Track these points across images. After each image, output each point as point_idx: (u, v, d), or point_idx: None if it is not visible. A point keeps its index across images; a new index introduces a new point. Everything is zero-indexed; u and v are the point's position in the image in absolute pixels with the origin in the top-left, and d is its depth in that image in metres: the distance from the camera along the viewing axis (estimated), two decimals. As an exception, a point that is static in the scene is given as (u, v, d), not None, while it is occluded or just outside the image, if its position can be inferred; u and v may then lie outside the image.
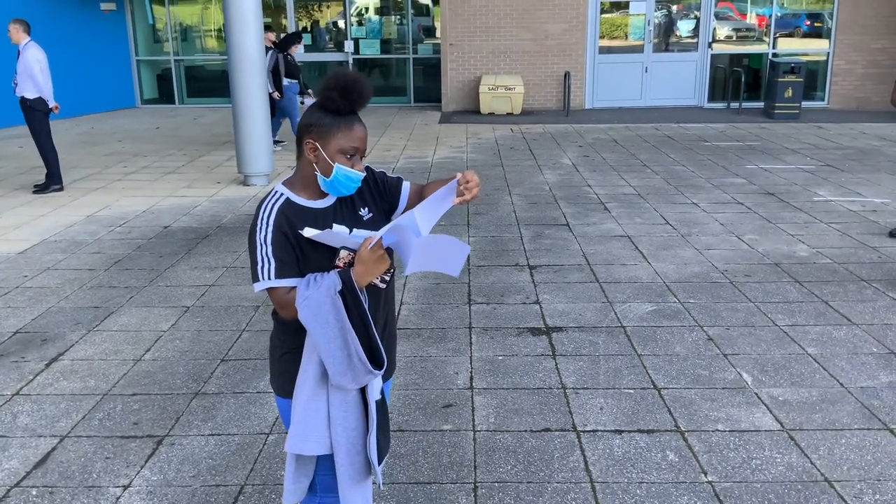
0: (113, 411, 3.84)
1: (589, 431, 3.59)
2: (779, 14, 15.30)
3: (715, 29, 15.35)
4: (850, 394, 3.92)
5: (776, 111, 13.53)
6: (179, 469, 3.34)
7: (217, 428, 3.67)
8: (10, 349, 4.56)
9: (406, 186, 2.31)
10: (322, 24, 17.24)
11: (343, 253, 2.13)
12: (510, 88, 14.41)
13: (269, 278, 2.07)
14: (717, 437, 3.53)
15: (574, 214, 7.44)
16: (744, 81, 14.50)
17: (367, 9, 16.96)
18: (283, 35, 13.18)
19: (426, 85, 16.71)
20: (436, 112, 15.34)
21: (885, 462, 3.32)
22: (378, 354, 2.13)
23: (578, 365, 4.28)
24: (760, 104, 14.72)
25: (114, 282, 5.71)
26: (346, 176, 2.11)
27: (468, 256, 6.13)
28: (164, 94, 17.24)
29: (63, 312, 5.13)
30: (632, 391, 3.97)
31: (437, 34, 16.40)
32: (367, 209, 2.22)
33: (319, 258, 2.11)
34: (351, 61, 16.47)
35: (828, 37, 15.10)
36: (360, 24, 16.77)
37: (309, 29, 17.05)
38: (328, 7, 17.21)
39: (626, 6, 15.45)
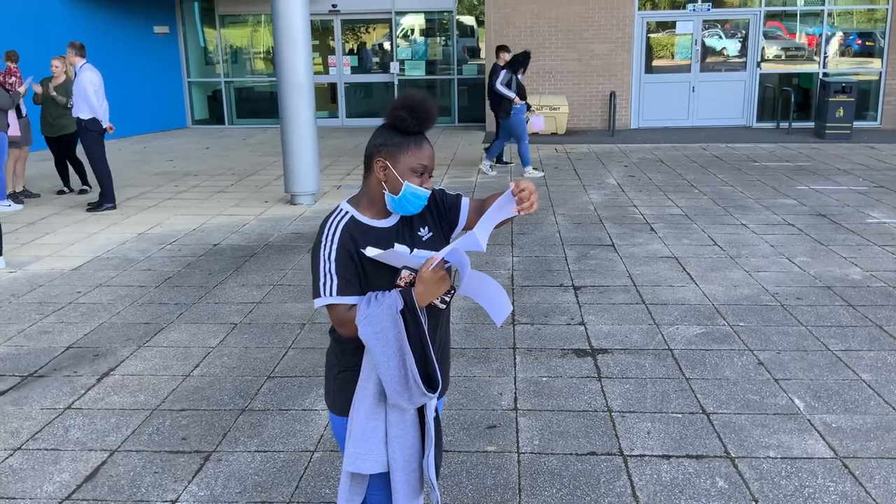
0: (162, 426, 3.89)
1: (636, 456, 3.54)
2: (829, 33, 15.07)
3: (764, 48, 15.17)
4: (907, 422, 3.80)
5: (827, 131, 13.29)
6: (226, 485, 3.37)
7: (263, 445, 3.70)
8: (63, 363, 4.67)
9: (465, 203, 2.30)
10: (368, 45, 17.46)
11: (404, 273, 2.14)
12: (555, 108, 14.40)
13: (331, 295, 2.09)
14: (768, 464, 3.45)
15: (619, 235, 7.38)
16: (793, 101, 14.28)
17: (412, 30, 17.15)
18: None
19: (470, 105, 16.80)
20: (480, 132, 15.39)
21: (945, 493, 3.21)
22: (434, 376, 2.14)
23: (625, 388, 4.22)
24: (811, 124, 14.48)
25: (164, 298, 5.81)
26: (414, 194, 2.11)
27: (513, 276, 6.11)
28: (215, 115, 17.61)
29: (115, 328, 5.24)
30: (680, 415, 3.91)
31: (482, 55, 16.49)
32: (426, 229, 2.23)
33: (381, 277, 2.12)
34: (396, 82, 16.63)
35: (880, 56, 14.81)
36: (405, 45, 16.96)
37: (355, 51, 17.28)
38: (374, 29, 17.44)
39: (673, 26, 15.37)
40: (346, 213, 2.16)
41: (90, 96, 8.54)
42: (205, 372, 4.52)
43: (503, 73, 10.49)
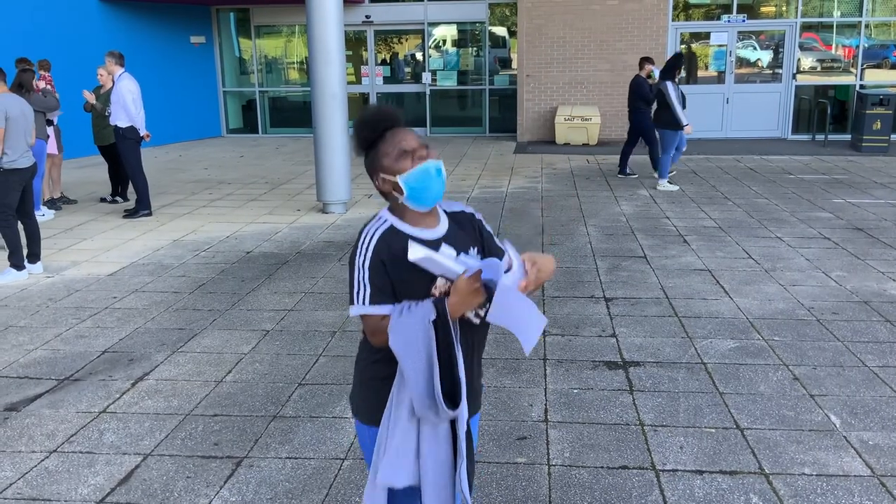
0: (194, 431, 3.93)
1: (668, 471, 3.50)
2: (866, 45, 14.87)
3: (799, 60, 15.01)
4: (947, 441, 3.72)
5: (864, 144, 13.09)
6: (257, 491, 3.39)
7: (294, 451, 3.72)
8: (99, 368, 4.73)
9: (503, 261, 2.10)
10: (401, 56, 17.56)
11: (440, 282, 2.11)
12: (586, 119, 14.36)
13: (364, 303, 2.08)
14: (803, 481, 3.39)
15: (652, 247, 7.33)
16: (830, 113, 14.10)
17: (444, 41, 17.21)
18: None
19: (502, 115, 16.80)
20: (511, 142, 15.38)
21: None
22: (458, 392, 2.09)
23: (657, 401, 4.18)
24: (847, 136, 14.28)
25: (198, 304, 5.87)
26: (416, 177, 2.09)
27: (544, 287, 6.09)
28: (249, 124, 17.80)
29: (149, 333, 5.30)
30: (713, 430, 3.86)
31: (514, 65, 16.50)
32: (475, 249, 2.22)
33: (416, 286, 2.10)
34: (428, 92, 16.70)
35: (920, 67, 14.58)
36: (437, 55, 17.03)
37: (388, 61, 17.39)
38: (406, 40, 17.53)
39: (707, 37, 15.26)
40: (386, 221, 2.15)
41: (128, 104, 8.68)
42: (237, 378, 4.56)
43: (671, 86, 9.98)
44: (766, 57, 15.40)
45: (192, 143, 16.06)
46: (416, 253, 2.00)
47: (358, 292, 2.10)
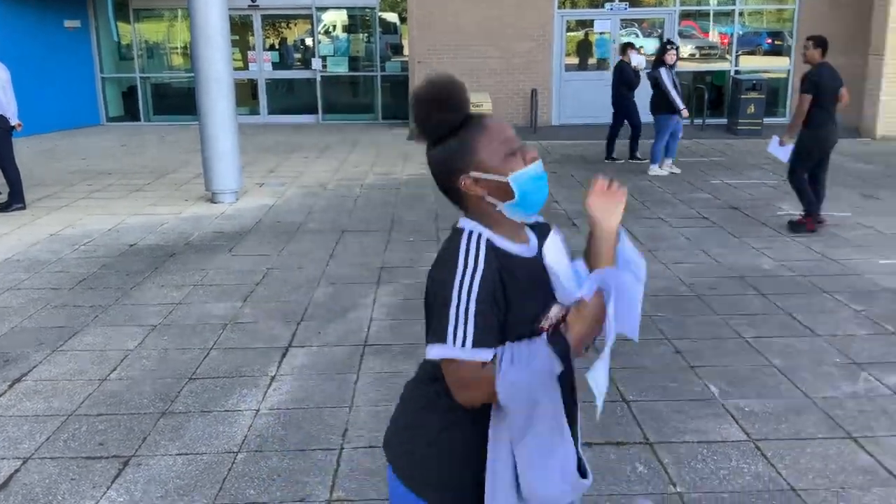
0: (78, 432, 3.77)
1: (559, 445, 3.60)
2: (741, 32, 15.61)
3: (678, 47, 15.58)
4: (814, 404, 3.98)
5: (739, 127, 13.75)
6: (146, 489, 3.29)
7: (185, 447, 3.62)
8: (-29, 370, 4.47)
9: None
10: (290, 41, 17.25)
11: (554, 310, 1.66)
12: (478, 105, 14.43)
13: (463, 345, 1.54)
14: (685, 449, 3.56)
15: (542, 230, 7.48)
16: (707, 98, 14.74)
17: (334, 26, 17.01)
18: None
19: (394, 102, 16.76)
20: (404, 129, 15.37)
21: (848, 471, 3.37)
22: (581, 462, 1.68)
23: (548, 379, 4.29)
24: (724, 120, 14.96)
25: (79, 301, 5.62)
26: (533, 179, 1.66)
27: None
28: (130, 112, 17.09)
29: (26, 332, 5.04)
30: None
31: (405, 52, 16.49)
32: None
33: (524, 316, 1.63)
34: (319, 78, 16.47)
35: (788, 54, 15.41)
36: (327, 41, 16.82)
37: (276, 47, 17.05)
38: (295, 25, 17.23)
39: (591, 24, 15.66)
40: (481, 234, 1.65)
41: (-3, 92, 8.19)
42: (122, 375, 4.40)
43: (664, 72, 10.06)
44: (648, 44, 15.93)
45: (69, 133, 15.29)
46: (553, 248, 1.66)
47: (455, 329, 1.54)
